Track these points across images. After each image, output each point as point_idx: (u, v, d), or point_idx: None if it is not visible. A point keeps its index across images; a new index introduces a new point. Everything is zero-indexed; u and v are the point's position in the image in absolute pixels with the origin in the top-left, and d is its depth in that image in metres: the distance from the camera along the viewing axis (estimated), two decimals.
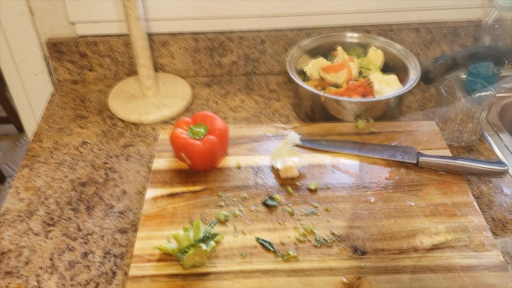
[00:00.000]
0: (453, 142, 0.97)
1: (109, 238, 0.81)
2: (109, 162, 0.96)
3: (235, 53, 1.17)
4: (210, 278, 0.70)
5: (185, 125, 0.88)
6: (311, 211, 0.80)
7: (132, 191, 0.89)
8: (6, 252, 0.78)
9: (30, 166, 0.95)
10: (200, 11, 1.12)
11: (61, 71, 1.18)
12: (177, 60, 1.18)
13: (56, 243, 0.80)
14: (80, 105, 1.11)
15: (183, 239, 0.70)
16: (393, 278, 0.69)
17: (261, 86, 1.17)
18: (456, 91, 1.00)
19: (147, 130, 1.04)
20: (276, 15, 1.14)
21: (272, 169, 0.88)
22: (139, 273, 0.70)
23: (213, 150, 0.84)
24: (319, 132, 0.95)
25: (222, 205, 0.81)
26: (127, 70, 1.19)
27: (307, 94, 1.00)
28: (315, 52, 1.10)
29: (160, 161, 0.89)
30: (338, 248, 0.74)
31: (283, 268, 0.71)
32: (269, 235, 0.76)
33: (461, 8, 1.16)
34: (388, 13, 1.16)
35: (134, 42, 1.02)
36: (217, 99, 1.13)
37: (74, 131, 1.03)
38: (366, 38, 1.11)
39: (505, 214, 0.83)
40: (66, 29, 1.15)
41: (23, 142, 2.57)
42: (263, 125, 0.98)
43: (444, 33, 1.16)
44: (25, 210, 0.86)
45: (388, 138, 0.93)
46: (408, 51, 1.06)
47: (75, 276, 0.75)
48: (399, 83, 1.01)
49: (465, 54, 1.00)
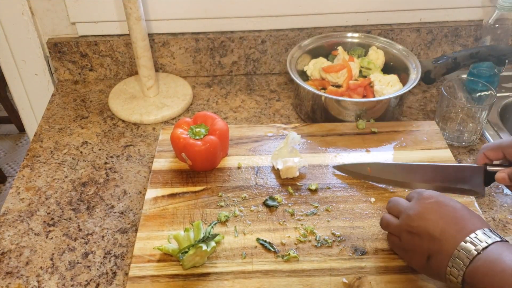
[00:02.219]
0: (453, 142, 0.97)
1: (110, 238, 0.81)
2: (110, 162, 0.96)
3: (235, 53, 1.17)
4: (211, 278, 0.70)
5: (186, 125, 0.88)
6: (312, 211, 0.80)
7: (133, 191, 0.89)
8: (6, 252, 0.78)
9: (30, 166, 0.95)
10: (200, 11, 1.12)
11: (61, 71, 1.18)
12: (177, 60, 1.18)
13: (57, 243, 0.80)
14: (80, 105, 1.11)
15: (184, 239, 0.70)
16: (393, 278, 0.69)
17: (261, 86, 1.17)
18: (456, 91, 1.00)
19: (148, 130, 1.04)
20: (277, 15, 1.14)
21: (272, 169, 0.88)
22: (139, 273, 0.70)
23: (213, 150, 0.84)
24: (320, 132, 0.95)
25: (222, 205, 0.81)
26: (128, 70, 1.19)
27: (308, 94, 1.00)
28: (316, 52, 1.09)
29: (161, 161, 0.89)
30: (339, 248, 0.74)
31: (283, 268, 0.71)
32: (269, 236, 0.76)
33: (462, 8, 1.16)
34: (389, 13, 1.16)
35: (135, 42, 1.02)
36: (217, 99, 1.13)
37: (75, 131, 1.03)
38: (367, 38, 1.11)
39: (506, 214, 0.83)
40: (67, 29, 1.15)
41: (23, 142, 2.57)
42: (264, 125, 0.98)
43: (445, 33, 1.16)
44: (25, 210, 0.86)
45: (388, 138, 0.93)
46: (409, 51, 1.06)
47: (76, 276, 0.75)
48: (399, 83, 1.01)
49: (466, 54, 1.00)
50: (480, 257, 0.57)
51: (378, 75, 1.02)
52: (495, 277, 0.55)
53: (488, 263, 0.56)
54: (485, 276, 0.56)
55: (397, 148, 0.91)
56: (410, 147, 0.91)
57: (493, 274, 0.55)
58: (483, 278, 0.56)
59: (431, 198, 0.66)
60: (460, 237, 0.60)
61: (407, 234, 0.66)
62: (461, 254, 0.58)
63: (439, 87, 1.14)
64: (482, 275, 0.56)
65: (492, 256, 0.57)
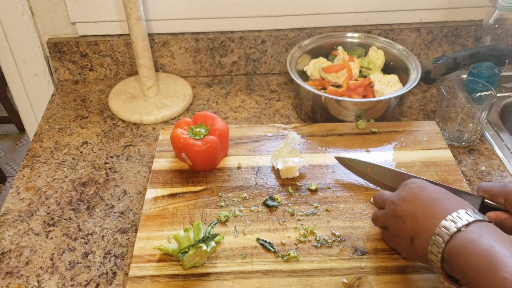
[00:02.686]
0: (453, 142, 0.97)
1: (110, 238, 0.81)
2: (110, 162, 0.96)
3: (235, 53, 1.17)
4: (211, 278, 0.70)
5: (186, 125, 0.88)
6: (312, 211, 0.80)
7: (133, 191, 0.89)
8: (6, 252, 0.78)
9: (30, 166, 0.95)
10: (200, 11, 1.12)
11: (62, 71, 1.18)
12: (177, 60, 1.18)
13: (57, 243, 0.80)
14: (80, 105, 1.11)
15: (184, 239, 0.70)
16: (393, 278, 0.69)
17: (261, 86, 1.17)
18: (456, 91, 1.00)
19: (148, 130, 1.04)
20: (277, 15, 1.14)
21: (272, 169, 0.88)
22: (139, 273, 0.70)
23: (213, 151, 0.84)
24: (320, 132, 0.95)
25: (222, 205, 0.81)
26: (128, 70, 1.19)
27: (308, 94, 1.00)
28: (316, 52, 1.10)
29: (161, 161, 0.89)
30: (339, 248, 0.74)
31: (283, 268, 0.71)
32: (269, 236, 0.76)
33: (462, 8, 1.16)
34: (389, 13, 1.16)
35: (135, 42, 1.02)
36: (217, 99, 1.13)
37: (75, 131, 1.03)
38: (367, 38, 1.11)
39: None
40: (67, 29, 1.15)
41: (24, 142, 2.57)
42: (264, 125, 0.98)
43: (445, 33, 1.16)
44: (25, 210, 0.86)
45: (388, 138, 0.93)
46: (409, 51, 1.06)
47: (76, 276, 0.75)
48: (399, 83, 1.01)
49: (466, 54, 1.00)
50: (459, 235, 0.57)
51: (378, 75, 1.02)
52: (470, 258, 0.54)
53: (466, 244, 0.56)
54: (462, 256, 0.55)
55: (397, 148, 0.91)
56: (410, 147, 0.91)
57: (469, 256, 0.54)
58: (459, 258, 0.56)
59: (414, 183, 0.67)
60: (441, 216, 0.60)
61: (392, 219, 0.67)
62: (442, 231, 0.58)
63: (439, 87, 1.14)
64: (459, 255, 0.56)
65: (471, 236, 0.56)
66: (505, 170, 0.92)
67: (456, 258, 0.56)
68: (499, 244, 0.54)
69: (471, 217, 0.58)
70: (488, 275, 0.51)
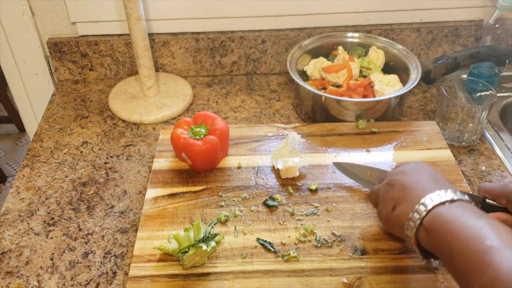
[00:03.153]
0: (453, 142, 0.97)
1: (110, 238, 0.81)
2: (110, 162, 0.96)
3: (236, 53, 1.17)
4: (211, 278, 0.70)
5: (186, 125, 0.88)
6: (312, 211, 0.80)
7: (133, 191, 0.89)
8: (6, 252, 0.78)
9: (31, 165, 0.95)
10: (200, 11, 1.12)
11: (62, 71, 1.18)
12: (177, 60, 1.18)
13: (57, 243, 0.80)
14: (81, 105, 1.11)
15: (184, 239, 0.70)
16: (393, 278, 0.69)
17: (262, 86, 1.17)
18: (457, 91, 1.00)
19: (148, 130, 1.04)
20: (277, 15, 1.14)
21: (272, 169, 0.88)
22: (139, 273, 0.70)
23: (213, 150, 0.84)
24: (320, 132, 0.95)
25: (222, 205, 0.81)
26: (128, 70, 1.19)
27: (308, 94, 1.00)
28: (316, 52, 1.10)
29: (161, 161, 0.89)
30: (339, 248, 0.74)
31: (283, 268, 0.71)
32: (269, 235, 0.76)
33: (462, 8, 1.16)
34: (389, 13, 1.16)
35: (135, 42, 1.02)
36: (217, 99, 1.13)
37: (75, 131, 1.03)
38: (367, 38, 1.11)
39: None
40: (67, 29, 1.15)
41: (24, 141, 2.57)
42: (264, 125, 0.98)
43: (445, 33, 1.16)
44: (25, 210, 0.86)
45: (388, 138, 0.93)
46: (409, 51, 1.06)
47: (76, 276, 0.75)
48: (399, 83, 1.01)
49: (466, 54, 1.00)
50: (439, 210, 0.57)
51: (378, 75, 1.02)
52: (443, 236, 0.55)
53: (443, 220, 0.56)
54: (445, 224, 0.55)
55: (397, 148, 0.91)
56: (410, 147, 0.91)
57: (453, 225, 0.54)
58: (433, 233, 0.57)
59: (411, 163, 0.70)
60: (429, 190, 0.61)
61: (384, 187, 0.68)
62: (427, 201, 0.59)
63: (439, 87, 1.14)
64: (434, 230, 0.57)
65: (451, 214, 0.56)
66: (505, 170, 0.92)
67: (430, 232, 0.57)
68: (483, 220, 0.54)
69: (456, 195, 0.59)
70: (474, 243, 0.51)
